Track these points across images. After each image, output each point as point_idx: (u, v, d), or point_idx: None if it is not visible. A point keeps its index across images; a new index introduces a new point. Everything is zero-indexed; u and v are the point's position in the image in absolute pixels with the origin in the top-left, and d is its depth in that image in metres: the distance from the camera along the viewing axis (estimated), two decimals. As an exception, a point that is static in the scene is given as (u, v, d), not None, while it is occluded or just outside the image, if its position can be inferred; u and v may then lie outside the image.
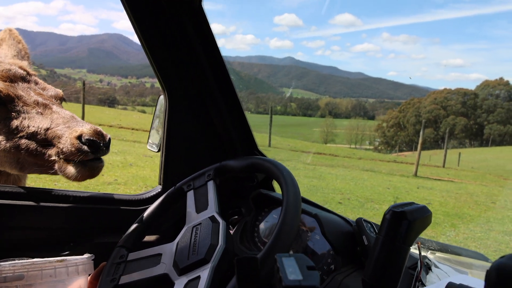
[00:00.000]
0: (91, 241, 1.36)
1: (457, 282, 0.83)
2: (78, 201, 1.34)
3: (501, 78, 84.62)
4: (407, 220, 0.85)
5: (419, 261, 1.00)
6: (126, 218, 1.30)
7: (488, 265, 1.47)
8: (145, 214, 1.21)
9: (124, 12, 1.21)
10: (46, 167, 1.17)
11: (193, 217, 1.08)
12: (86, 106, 17.02)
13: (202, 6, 1.19)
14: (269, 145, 16.60)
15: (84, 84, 16.91)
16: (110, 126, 15.44)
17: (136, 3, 1.20)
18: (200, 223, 1.03)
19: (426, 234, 5.94)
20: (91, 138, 1.09)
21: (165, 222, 1.43)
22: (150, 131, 1.63)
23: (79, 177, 1.15)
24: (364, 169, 13.32)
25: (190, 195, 1.16)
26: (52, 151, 1.13)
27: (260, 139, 19.40)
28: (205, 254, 0.92)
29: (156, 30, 1.26)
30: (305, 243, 1.12)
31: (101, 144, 1.12)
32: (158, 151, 1.52)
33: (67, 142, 1.09)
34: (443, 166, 18.31)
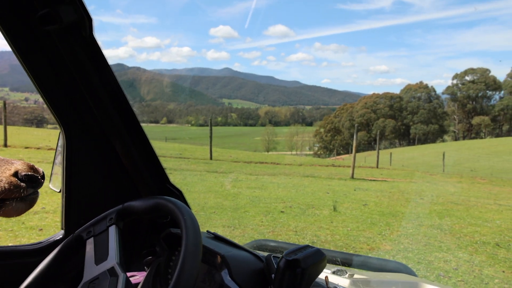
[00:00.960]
0: None
1: None
2: None
3: (421, 82, 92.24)
4: (300, 268, 0.83)
5: None
6: (21, 273, 1.13)
7: (410, 279, 1.53)
8: (38, 269, 1.06)
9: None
10: None
11: (91, 269, 0.96)
12: (10, 128, 15.48)
13: (94, 34, 1.09)
14: (211, 158, 16.41)
15: (5, 104, 15.39)
16: (38, 148, 14.15)
17: (20, 35, 1.08)
18: (98, 278, 0.92)
19: (363, 236, 6.20)
20: (29, 173, 0.99)
21: (69, 272, 1.28)
22: (52, 169, 1.47)
23: (18, 213, 1.03)
24: (304, 175, 13.68)
25: (90, 244, 1.04)
26: None
27: (202, 152, 19.10)
28: None
29: (46, 62, 1.13)
30: (218, 283, 1.06)
31: (39, 177, 1.02)
32: (60, 192, 1.37)
33: (3, 181, 0.98)
34: (377, 167, 19.45)
